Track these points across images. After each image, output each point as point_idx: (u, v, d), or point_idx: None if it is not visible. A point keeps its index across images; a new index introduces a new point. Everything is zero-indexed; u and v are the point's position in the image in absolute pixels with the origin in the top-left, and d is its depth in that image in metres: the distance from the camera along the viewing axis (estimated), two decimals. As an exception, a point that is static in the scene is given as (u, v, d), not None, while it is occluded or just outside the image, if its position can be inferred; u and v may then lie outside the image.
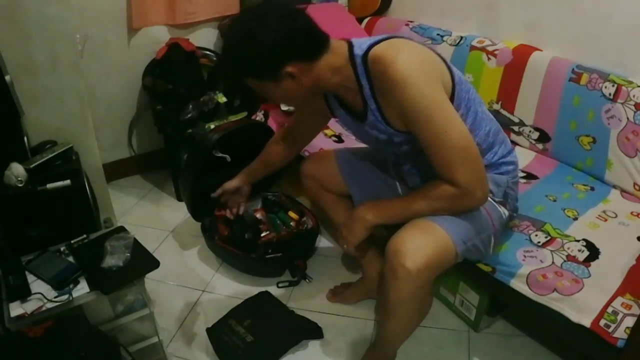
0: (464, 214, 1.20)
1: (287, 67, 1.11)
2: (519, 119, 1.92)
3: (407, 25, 2.34)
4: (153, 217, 2.30)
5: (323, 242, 2.10)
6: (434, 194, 1.17)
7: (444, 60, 1.19)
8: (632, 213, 1.55)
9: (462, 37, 2.08)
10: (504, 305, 1.63)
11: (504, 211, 1.34)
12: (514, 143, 1.91)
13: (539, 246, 1.40)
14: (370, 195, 1.50)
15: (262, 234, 1.98)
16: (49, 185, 1.49)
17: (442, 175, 1.14)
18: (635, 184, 1.63)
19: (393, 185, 1.51)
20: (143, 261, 1.39)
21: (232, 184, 1.74)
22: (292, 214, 2.06)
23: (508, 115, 1.95)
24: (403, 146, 1.26)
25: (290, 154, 1.67)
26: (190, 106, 2.21)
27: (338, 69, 1.17)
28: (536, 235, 1.43)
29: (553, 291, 1.27)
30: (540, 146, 1.87)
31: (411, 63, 1.07)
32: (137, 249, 1.42)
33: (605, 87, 1.66)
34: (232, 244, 1.91)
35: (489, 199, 1.27)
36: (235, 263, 1.96)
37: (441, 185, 1.15)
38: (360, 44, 1.17)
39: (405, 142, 1.24)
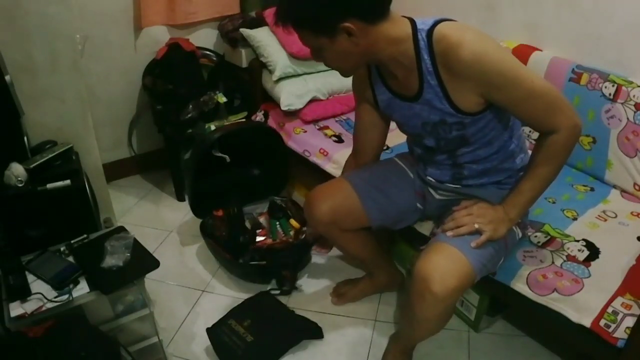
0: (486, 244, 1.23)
1: (345, 22, 1.10)
2: (519, 119, 1.92)
3: (407, 25, 2.34)
4: (153, 217, 2.30)
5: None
6: (551, 152, 1.19)
7: None
8: (632, 213, 1.54)
9: (462, 37, 2.07)
10: (504, 305, 1.63)
11: (518, 232, 1.36)
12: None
13: (539, 246, 1.40)
14: (391, 220, 1.52)
15: (258, 239, 1.95)
16: (49, 185, 1.50)
17: (544, 126, 1.18)
18: (635, 184, 1.63)
19: (414, 200, 1.50)
20: (143, 261, 1.39)
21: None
22: (293, 222, 2.01)
23: (508, 115, 1.94)
24: (453, 131, 1.25)
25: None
26: (190, 106, 2.20)
27: (395, 40, 1.16)
28: (535, 236, 1.43)
29: (553, 291, 1.27)
30: (540, 146, 1.87)
31: (479, 39, 1.11)
32: (137, 249, 1.42)
33: (605, 87, 1.66)
34: (223, 246, 1.90)
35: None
36: (225, 266, 1.95)
37: (549, 140, 1.18)
38: (424, 20, 1.18)
39: (457, 125, 1.23)
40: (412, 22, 1.17)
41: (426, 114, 1.25)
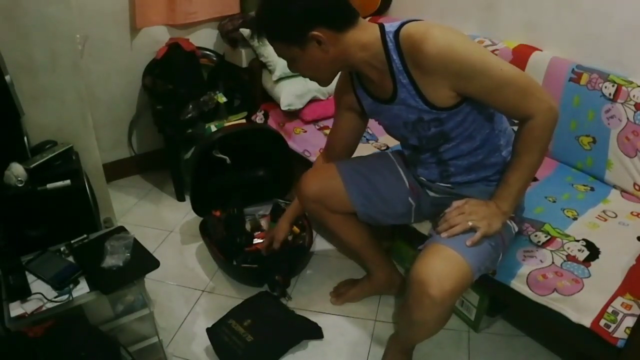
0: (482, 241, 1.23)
1: (313, 31, 1.15)
2: (519, 119, 1.92)
3: (407, 25, 2.34)
4: (153, 217, 2.30)
5: (322, 242, 2.10)
6: (531, 139, 1.19)
7: None
8: (632, 213, 1.54)
9: (462, 37, 2.07)
10: (504, 305, 1.63)
11: (514, 226, 1.35)
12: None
13: (539, 246, 1.40)
14: (376, 208, 1.51)
15: (255, 242, 1.94)
16: (49, 185, 1.50)
17: (519, 113, 1.18)
18: (635, 184, 1.63)
19: (404, 193, 1.50)
20: (143, 261, 1.39)
21: (281, 235, 1.78)
22: (293, 227, 1.96)
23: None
24: (431, 128, 1.27)
25: None
26: (190, 106, 2.21)
27: (365, 46, 1.20)
28: (536, 236, 1.43)
29: (553, 291, 1.28)
30: (540, 146, 1.87)
31: (444, 33, 1.13)
32: (137, 249, 1.42)
33: (605, 87, 1.66)
34: (219, 246, 1.89)
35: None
36: (220, 266, 1.94)
37: (527, 127, 1.18)
38: (392, 23, 1.21)
39: (434, 121, 1.25)
40: (381, 27, 1.21)
41: (404, 114, 1.28)
